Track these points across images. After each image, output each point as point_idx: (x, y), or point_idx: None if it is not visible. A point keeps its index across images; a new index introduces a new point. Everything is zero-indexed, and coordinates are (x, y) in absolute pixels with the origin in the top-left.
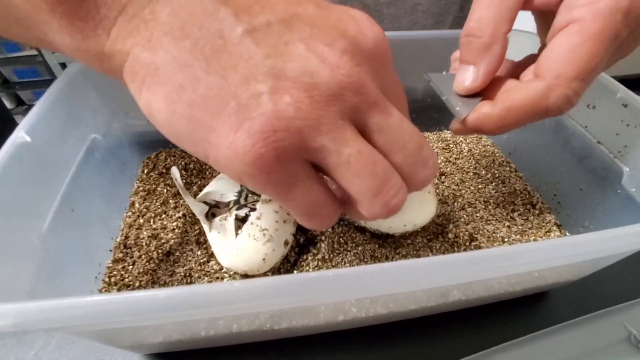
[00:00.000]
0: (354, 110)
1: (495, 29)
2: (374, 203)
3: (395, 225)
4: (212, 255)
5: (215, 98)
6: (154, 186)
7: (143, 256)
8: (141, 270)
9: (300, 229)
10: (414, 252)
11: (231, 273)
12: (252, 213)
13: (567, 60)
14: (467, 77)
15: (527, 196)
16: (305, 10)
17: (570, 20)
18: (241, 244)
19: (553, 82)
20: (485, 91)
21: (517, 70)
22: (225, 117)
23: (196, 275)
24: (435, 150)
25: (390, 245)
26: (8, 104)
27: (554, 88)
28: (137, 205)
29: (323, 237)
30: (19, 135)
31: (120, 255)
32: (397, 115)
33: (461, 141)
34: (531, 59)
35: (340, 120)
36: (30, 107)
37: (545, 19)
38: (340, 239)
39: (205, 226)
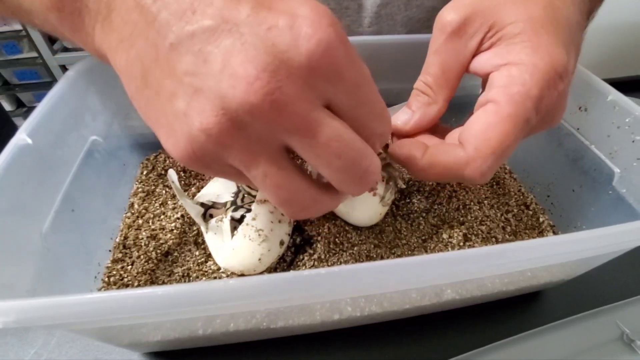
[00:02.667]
0: (271, 135)
1: (436, 93)
2: (285, 212)
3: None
4: (209, 255)
5: (153, 109)
6: (152, 187)
7: (142, 256)
8: (140, 270)
9: (296, 229)
10: (409, 252)
11: (228, 273)
12: (247, 214)
13: (484, 137)
14: (403, 118)
15: (521, 197)
16: (238, 14)
17: (489, 99)
18: (237, 245)
19: (471, 154)
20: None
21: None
22: (161, 127)
23: (194, 275)
24: None
25: (386, 246)
26: (8, 106)
27: (471, 161)
28: (136, 206)
29: (319, 238)
30: (21, 137)
31: (120, 255)
32: (325, 134)
33: None
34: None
35: (254, 146)
36: (30, 109)
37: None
38: (336, 239)
39: (202, 227)
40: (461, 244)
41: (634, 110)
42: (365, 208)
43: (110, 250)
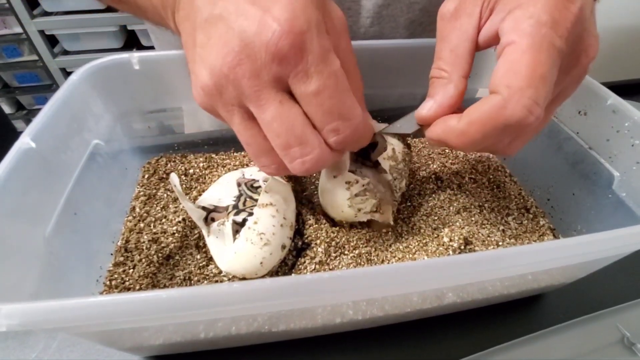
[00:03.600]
0: (238, 99)
1: (451, 72)
2: (256, 164)
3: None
4: (211, 259)
5: (188, 64)
6: (154, 191)
7: (143, 260)
8: (141, 273)
9: (297, 233)
10: (410, 256)
11: (230, 277)
12: (249, 217)
13: (512, 73)
14: (425, 106)
15: (522, 200)
16: (232, 6)
17: (504, 46)
18: (239, 248)
19: (506, 93)
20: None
21: None
22: (191, 76)
23: (195, 278)
24: (432, 156)
25: (387, 249)
26: (8, 109)
27: (509, 99)
28: (137, 209)
29: (319, 241)
30: (24, 141)
31: (121, 258)
32: (270, 112)
33: None
34: None
35: (229, 105)
36: (30, 112)
37: None
38: (337, 243)
39: (203, 231)
40: (462, 247)
41: (633, 114)
42: (334, 199)
43: (112, 254)
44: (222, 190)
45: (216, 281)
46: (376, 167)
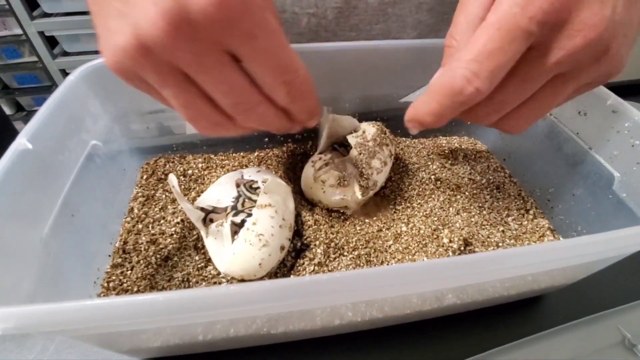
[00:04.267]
0: (172, 62)
1: (460, 41)
2: (194, 127)
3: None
4: (209, 260)
5: (99, 25)
6: (152, 192)
7: (141, 261)
8: (139, 275)
9: (296, 234)
10: (410, 257)
11: (228, 278)
12: (248, 218)
13: (466, 47)
14: (436, 75)
15: (521, 201)
16: None
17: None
18: (237, 250)
19: (454, 64)
20: None
21: None
22: (100, 39)
23: (194, 280)
24: (431, 156)
25: (386, 250)
26: (8, 110)
27: (453, 69)
28: (135, 210)
29: (318, 242)
30: (21, 142)
31: (119, 260)
32: (214, 76)
33: (456, 147)
34: None
35: (160, 67)
36: (30, 113)
37: None
38: (337, 244)
39: (202, 232)
40: (462, 248)
41: (633, 114)
42: (305, 178)
43: (109, 255)
44: (220, 191)
45: (215, 282)
46: (346, 148)
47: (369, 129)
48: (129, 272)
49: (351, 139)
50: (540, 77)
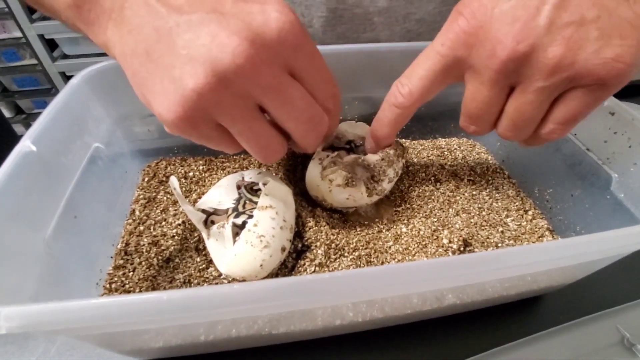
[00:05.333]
0: (249, 91)
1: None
2: (259, 157)
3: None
4: (211, 262)
5: (151, 79)
6: (154, 194)
7: (143, 263)
8: (141, 276)
9: (297, 235)
10: (409, 258)
11: (230, 279)
12: (249, 220)
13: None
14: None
15: (520, 202)
16: (223, 7)
17: None
18: (239, 251)
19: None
20: None
21: None
22: (156, 94)
23: (195, 281)
24: (431, 158)
25: (387, 251)
26: (7, 113)
27: (393, 84)
28: (137, 212)
29: (319, 243)
30: (25, 144)
31: (121, 261)
32: (290, 95)
33: (455, 149)
34: None
35: (237, 100)
36: (29, 115)
37: None
38: (337, 245)
39: (203, 234)
40: (461, 248)
41: (631, 115)
42: (311, 176)
43: (111, 257)
44: (221, 193)
45: (216, 284)
46: (357, 152)
47: None
48: (131, 273)
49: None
50: (484, 91)
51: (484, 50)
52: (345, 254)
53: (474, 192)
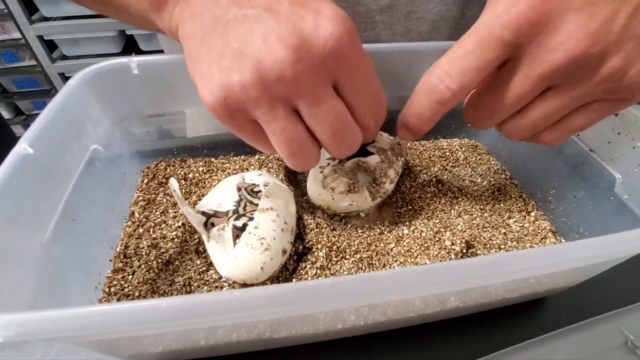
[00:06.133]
0: (287, 96)
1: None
2: (290, 162)
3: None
4: (211, 264)
5: (201, 61)
6: (153, 196)
7: (143, 266)
8: (141, 279)
9: (298, 238)
10: (412, 260)
11: (230, 282)
12: (249, 222)
13: (445, 54)
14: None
15: (523, 203)
16: (280, 5)
17: None
18: (239, 254)
19: (432, 66)
20: None
21: None
22: (204, 76)
23: (195, 284)
24: (432, 159)
25: (388, 253)
26: (6, 114)
27: (431, 70)
28: (136, 214)
29: (320, 246)
30: (22, 147)
31: (120, 265)
32: (325, 107)
33: (457, 149)
34: None
35: (275, 101)
36: (28, 117)
37: None
38: (339, 247)
39: (203, 236)
40: (464, 250)
41: (634, 116)
42: (313, 184)
43: (110, 260)
44: (222, 195)
45: (216, 287)
46: (364, 155)
47: (384, 137)
48: (130, 276)
49: (371, 149)
50: (526, 85)
51: (549, 42)
52: (347, 257)
53: (476, 194)
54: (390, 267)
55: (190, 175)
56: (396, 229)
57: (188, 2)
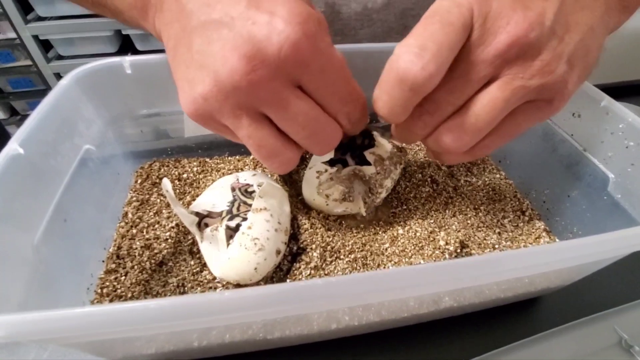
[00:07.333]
0: (250, 104)
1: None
2: (266, 165)
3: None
4: (205, 265)
5: (176, 73)
6: (147, 196)
7: (136, 267)
8: (134, 280)
9: (292, 238)
10: (406, 260)
11: (224, 283)
12: (243, 223)
13: (408, 35)
14: None
15: (517, 203)
16: (235, 10)
17: None
18: (233, 254)
19: (396, 49)
20: None
21: None
22: (179, 88)
23: (189, 285)
24: (427, 159)
25: (383, 253)
26: (2, 114)
27: (399, 52)
28: (130, 215)
29: (314, 246)
30: (12, 147)
31: (113, 265)
32: (292, 110)
33: None
34: None
35: (237, 110)
36: (24, 117)
37: None
38: (333, 247)
39: (197, 237)
40: (458, 250)
41: (627, 116)
42: (308, 188)
43: (103, 261)
44: (216, 195)
45: (210, 287)
46: (361, 163)
47: (386, 145)
48: (123, 277)
49: (369, 157)
50: (472, 75)
51: (492, 25)
52: (341, 257)
53: (471, 194)
54: (384, 267)
55: (185, 176)
56: (391, 228)
57: (162, 11)
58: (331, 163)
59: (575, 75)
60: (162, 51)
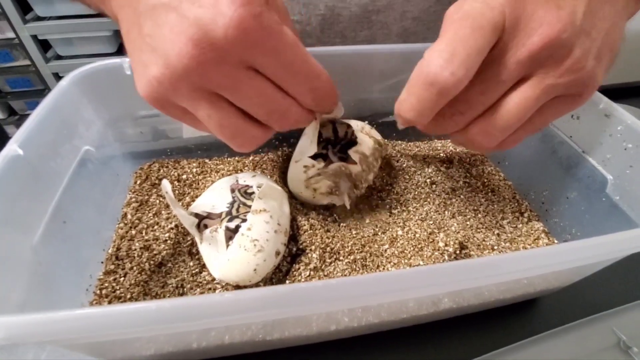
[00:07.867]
0: (203, 85)
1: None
2: (231, 145)
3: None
4: (204, 266)
5: (131, 57)
6: (146, 197)
7: (135, 268)
8: (133, 282)
9: (291, 239)
10: (405, 261)
11: (223, 284)
12: (242, 224)
13: (437, 40)
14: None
15: (516, 204)
16: None
17: None
18: (232, 255)
19: (426, 54)
20: None
21: None
22: (135, 71)
23: (188, 286)
24: (427, 160)
25: (382, 254)
26: (0, 114)
27: (428, 57)
28: (129, 216)
29: (314, 247)
30: (11, 148)
31: (112, 267)
32: (246, 90)
33: (451, 151)
34: None
35: (192, 92)
36: (22, 117)
37: None
38: (332, 248)
39: (196, 238)
40: (457, 252)
41: (626, 117)
42: (295, 181)
43: (102, 262)
44: (215, 196)
45: (209, 288)
46: (346, 160)
47: (367, 140)
48: (122, 279)
49: (354, 156)
50: (504, 76)
51: (524, 27)
52: (341, 258)
53: (470, 195)
54: (384, 269)
55: (184, 177)
56: (390, 230)
57: None
58: (314, 157)
59: (602, 67)
60: None
